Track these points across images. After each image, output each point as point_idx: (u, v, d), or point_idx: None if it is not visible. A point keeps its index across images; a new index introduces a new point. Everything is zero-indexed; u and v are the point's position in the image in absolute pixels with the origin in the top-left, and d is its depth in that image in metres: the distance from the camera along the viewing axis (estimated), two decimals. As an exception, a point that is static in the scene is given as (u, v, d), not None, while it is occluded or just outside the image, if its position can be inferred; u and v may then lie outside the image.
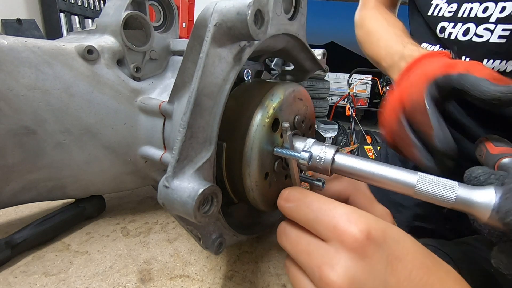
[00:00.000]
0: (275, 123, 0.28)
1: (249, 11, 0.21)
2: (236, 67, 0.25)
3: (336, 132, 3.35)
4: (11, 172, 0.33)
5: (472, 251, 0.37)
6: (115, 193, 0.51)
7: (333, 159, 0.26)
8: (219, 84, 0.24)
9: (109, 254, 0.36)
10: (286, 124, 0.26)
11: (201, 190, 0.20)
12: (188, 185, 0.21)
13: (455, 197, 0.21)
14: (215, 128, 0.24)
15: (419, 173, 0.23)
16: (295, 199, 0.24)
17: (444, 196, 0.21)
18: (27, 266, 0.33)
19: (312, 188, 0.30)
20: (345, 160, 0.26)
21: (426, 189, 0.22)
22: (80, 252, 0.36)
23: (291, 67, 0.41)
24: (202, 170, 0.23)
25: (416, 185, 0.22)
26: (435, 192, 0.21)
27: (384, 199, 0.63)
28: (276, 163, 0.30)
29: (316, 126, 3.42)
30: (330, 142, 3.09)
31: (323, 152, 0.27)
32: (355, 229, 0.20)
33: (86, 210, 0.42)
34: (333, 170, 0.27)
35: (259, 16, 0.22)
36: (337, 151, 0.27)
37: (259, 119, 0.27)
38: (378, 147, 2.69)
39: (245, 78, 0.33)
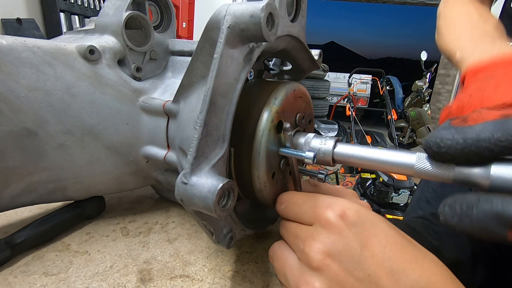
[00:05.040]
0: (279, 125, 0.29)
1: (263, 14, 0.22)
2: (247, 67, 0.26)
3: (336, 132, 3.35)
4: (11, 175, 0.33)
5: (424, 225, 0.38)
6: (115, 193, 0.51)
7: (334, 149, 0.28)
8: (231, 84, 0.25)
9: (109, 254, 0.36)
10: (287, 125, 0.27)
11: (220, 185, 0.21)
12: (207, 181, 0.22)
13: (454, 171, 0.21)
14: (228, 126, 0.25)
15: (417, 153, 0.23)
16: (286, 200, 0.28)
17: (444, 171, 0.21)
18: (27, 266, 0.33)
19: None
20: (345, 149, 0.27)
21: (425, 167, 0.22)
22: (80, 252, 0.36)
23: (289, 67, 0.42)
24: (216, 167, 0.24)
25: (415, 165, 0.23)
26: (434, 169, 0.22)
27: None
28: (282, 161, 0.31)
29: (316, 126, 3.43)
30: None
31: (324, 144, 0.28)
32: (330, 212, 0.23)
33: (86, 210, 0.42)
34: (335, 159, 0.28)
35: (270, 19, 0.23)
36: (336, 141, 0.28)
37: (265, 124, 0.28)
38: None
39: (248, 77, 0.33)
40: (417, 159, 0.23)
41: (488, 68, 0.28)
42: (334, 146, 0.28)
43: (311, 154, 0.26)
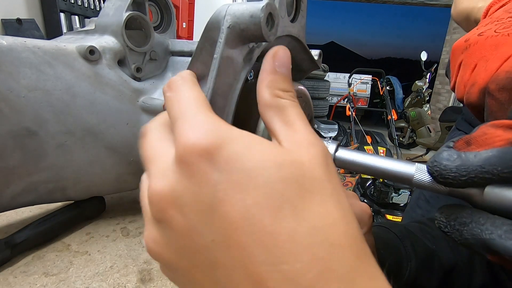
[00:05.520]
0: None
1: (262, 14, 0.22)
2: (246, 67, 0.26)
3: (336, 132, 3.35)
4: (11, 175, 0.33)
5: (421, 229, 0.39)
6: (115, 193, 0.51)
7: (335, 153, 0.28)
8: (231, 84, 0.25)
9: (109, 254, 0.36)
10: None
11: None
12: None
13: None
14: None
15: (416, 163, 0.24)
16: (175, 89, 0.19)
17: (441, 186, 0.22)
18: (27, 266, 0.33)
19: None
20: (346, 154, 0.28)
21: (423, 178, 0.23)
22: (80, 252, 0.36)
23: None
24: None
25: (415, 175, 0.23)
26: (432, 182, 0.22)
27: None
28: None
29: (316, 126, 3.43)
30: (330, 142, 3.10)
31: None
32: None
33: (86, 210, 0.42)
34: (335, 164, 0.28)
35: (270, 19, 0.23)
36: (338, 146, 0.28)
37: (264, 126, 0.28)
38: (379, 147, 2.69)
39: (248, 78, 0.33)
40: (416, 170, 0.23)
41: None
42: (336, 150, 0.28)
43: None
